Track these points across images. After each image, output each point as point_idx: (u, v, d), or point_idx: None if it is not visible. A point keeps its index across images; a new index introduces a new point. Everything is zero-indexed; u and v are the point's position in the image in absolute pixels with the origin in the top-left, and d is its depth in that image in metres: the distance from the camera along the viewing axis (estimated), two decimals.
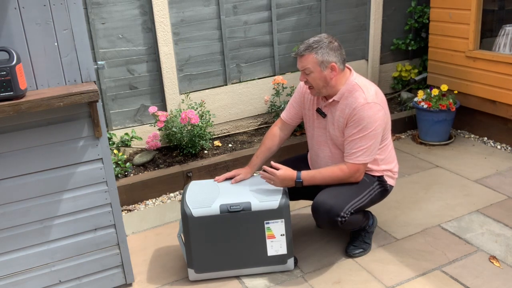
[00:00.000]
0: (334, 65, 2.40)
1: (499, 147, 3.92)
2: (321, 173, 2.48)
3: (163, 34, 3.79)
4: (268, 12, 4.15)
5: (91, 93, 2.04)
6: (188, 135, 3.70)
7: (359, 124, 2.38)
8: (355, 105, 2.39)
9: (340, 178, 2.46)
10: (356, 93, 2.41)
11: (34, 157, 2.15)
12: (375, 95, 2.42)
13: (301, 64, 2.42)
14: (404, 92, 4.75)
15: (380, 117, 2.40)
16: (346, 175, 2.45)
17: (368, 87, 2.45)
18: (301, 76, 2.46)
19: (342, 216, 2.37)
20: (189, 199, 2.48)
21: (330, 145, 2.58)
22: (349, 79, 2.46)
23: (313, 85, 2.44)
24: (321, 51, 2.38)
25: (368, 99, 2.39)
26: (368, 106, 2.38)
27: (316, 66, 2.38)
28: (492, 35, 4.09)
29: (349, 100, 2.43)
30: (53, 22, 2.03)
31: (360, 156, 2.42)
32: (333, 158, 2.58)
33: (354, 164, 2.43)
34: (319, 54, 2.37)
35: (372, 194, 2.54)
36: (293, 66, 4.39)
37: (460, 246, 2.71)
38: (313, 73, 2.40)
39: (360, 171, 2.46)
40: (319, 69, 2.39)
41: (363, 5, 4.51)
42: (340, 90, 2.45)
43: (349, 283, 2.48)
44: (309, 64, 2.39)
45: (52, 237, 2.28)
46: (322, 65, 2.39)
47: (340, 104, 2.46)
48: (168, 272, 2.68)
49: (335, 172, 2.46)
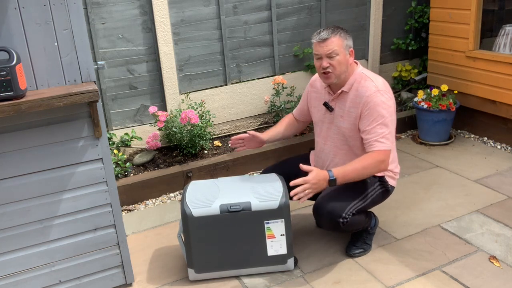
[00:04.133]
0: (352, 50, 2.46)
1: (499, 147, 3.92)
2: (352, 166, 2.36)
3: (163, 34, 3.79)
4: (268, 12, 4.15)
5: (91, 93, 2.04)
6: (188, 135, 3.70)
7: (375, 110, 2.38)
8: (367, 93, 2.41)
9: (372, 166, 2.35)
10: (366, 83, 2.44)
11: (34, 157, 2.15)
12: (383, 84, 2.47)
13: (328, 47, 2.39)
14: (404, 92, 4.75)
15: (391, 104, 2.44)
16: (376, 161, 2.35)
17: (376, 77, 2.50)
18: (324, 62, 2.40)
19: (343, 218, 2.37)
20: (189, 199, 2.48)
21: (336, 139, 2.59)
22: (356, 70, 2.51)
23: (337, 69, 2.41)
24: (344, 34, 2.43)
25: (379, 86, 2.43)
26: (380, 93, 2.40)
27: (341, 49, 2.41)
28: (492, 35, 4.09)
29: (359, 90, 2.45)
30: (53, 22, 2.03)
31: (384, 142, 2.37)
32: (338, 152, 2.58)
33: (380, 150, 2.37)
34: (343, 36, 2.42)
35: (374, 195, 2.53)
36: (293, 66, 4.39)
37: (460, 246, 2.71)
38: (339, 56, 2.40)
39: (387, 157, 2.39)
40: (344, 52, 2.42)
41: (363, 5, 4.51)
42: (349, 80, 2.48)
43: (349, 283, 2.48)
44: (336, 46, 2.39)
45: (52, 237, 2.28)
46: (346, 48, 2.43)
47: (350, 95, 2.48)
48: (168, 272, 2.68)
49: (366, 160, 2.35)
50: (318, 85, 2.70)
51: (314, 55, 2.48)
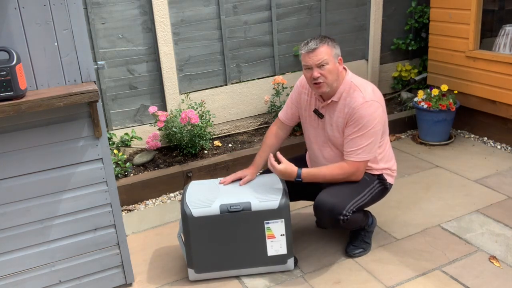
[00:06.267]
0: (341, 58, 2.46)
1: (499, 147, 3.92)
2: (322, 172, 2.48)
3: (163, 34, 3.79)
4: (268, 12, 4.15)
5: (91, 93, 2.04)
6: (188, 135, 3.70)
7: (359, 122, 2.39)
8: (354, 104, 2.40)
9: (341, 177, 2.46)
10: (354, 93, 2.43)
11: (34, 157, 2.15)
12: (372, 93, 2.45)
13: (317, 57, 2.37)
14: (404, 92, 4.75)
15: (379, 114, 2.43)
16: (346, 173, 2.45)
17: (365, 85, 2.47)
18: (315, 72, 2.38)
19: (344, 215, 2.37)
20: (189, 199, 2.48)
21: (329, 146, 2.58)
22: (345, 78, 2.49)
23: (328, 78, 2.40)
24: (332, 43, 2.42)
25: (367, 97, 2.41)
26: (367, 105, 2.39)
27: (331, 57, 2.40)
28: (492, 35, 4.09)
29: (347, 100, 2.44)
30: (53, 22, 2.03)
31: (360, 154, 2.42)
32: (333, 158, 2.58)
33: (355, 162, 2.43)
34: (331, 45, 2.41)
35: (373, 192, 2.54)
36: (293, 66, 4.39)
37: (460, 246, 2.71)
38: (329, 65, 2.39)
39: (360, 169, 2.46)
40: (334, 60, 2.41)
41: (363, 5, 4.51)
42: (339, 90, 2.47)
43: (349, 283, 2.48)
44: (326, 55, 2.38)
45: (52, 237, 2.28)
46: (335, 57, 2.43)
47: (339, 105, 2.47)
48: (168, 272, 2.68)
49: (335, 171, 2.46)
50: (308, 86, 2.60)
51: (304, 66, 2.44)
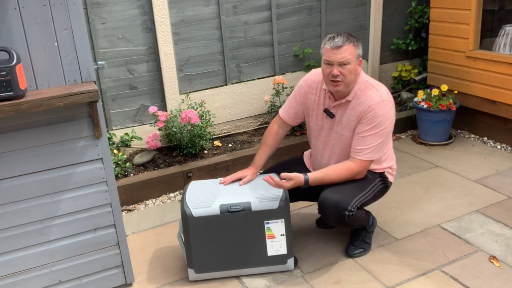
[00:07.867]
0: (361, 60, 2.43)
1: (499, 147, 3.92)
2: (329, 175, 2.45)
3: (163, 34, 3.79)
4: (268, 12, 4.15)
5: (91, 93, 2.04)
6: (188, 135, 3.70)
7: (372, 121, 2.38)
8: (370, 102, 2.39)
9: (347, 177, 2.45)
10: (369, 91, 2.41)
11: (34, 157, 2.15)
12: (387, 94, 2.44)
13: (342, 55, 2.33)
14: (404, 92, 4.75)
15: (392, 115, 2.43)
16: (353, 172, 2.44)
17: (379, 85, 2.47)
18: (335, 69, 2.34)
19: (349, 210, 2.37)
20: (189, 199, 2.48)
21: (336, 146, 2.57)
22: (360, 77, 2.47)
23: (347, 78, 2.36)
24: (356, 43, 2.39)
25: (383, 96, 2.40)
26: (384, 104, 2.39)
27: (353, 58, 2.37)
28: (492, 35, 4.08)
29: (362, 98, 2.41)
30: (53, 22, 2.03)
31: (369, 153, 2.41)
32: (339, 158, 2.57)
33: (362, 161, 2.43)
34: (356, 45, 2.38)
35: (375, 190, 2.54)
36: (293, 66, 4.39)
37: (460, 246, 2.71)
38: (350, 65, 2.35)
39: (366, 168, 2.46)
40: (355, 61, 2.38)
41: (363, 5, 4.51)
42: (353, 89, 2.44)
43: (349, 283, 2.48)
44: (350, 54, 2.34)
45: (52, 237, 2.28)
46: (358, 57, 2.40)
47: (352, 103, 2.45)
48: (168, 272, 2.68)
49: (343, 172, 2.44)
50: (316, 86, 2.59)
51: (324, 61, 2.39)
